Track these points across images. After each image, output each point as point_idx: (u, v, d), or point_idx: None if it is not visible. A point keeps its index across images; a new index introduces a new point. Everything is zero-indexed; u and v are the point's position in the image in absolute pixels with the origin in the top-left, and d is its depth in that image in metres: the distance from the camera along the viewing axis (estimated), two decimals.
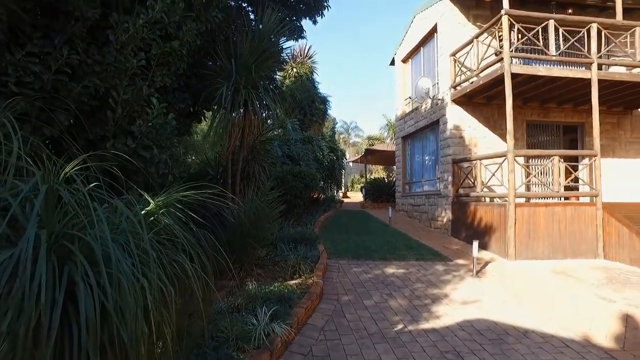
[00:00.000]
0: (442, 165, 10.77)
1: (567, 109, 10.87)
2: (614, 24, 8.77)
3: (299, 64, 18.57)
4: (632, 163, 11.31)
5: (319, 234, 9.35)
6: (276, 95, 6.50)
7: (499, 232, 8.03)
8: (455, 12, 10.55)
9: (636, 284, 6.09)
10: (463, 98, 10.02)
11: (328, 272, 6.37)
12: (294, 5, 8.29)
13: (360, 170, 35.21)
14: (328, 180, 16.79)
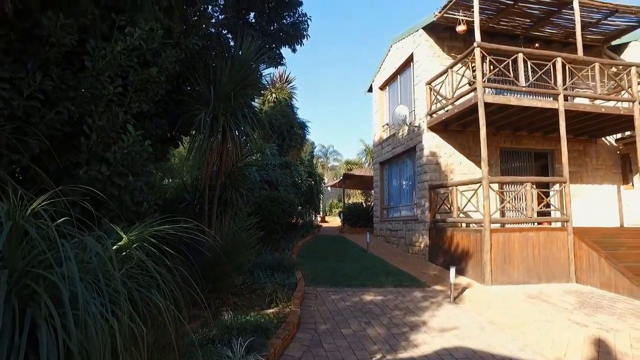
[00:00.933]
0: (419, 191, 10.92)
1: (537, 137, 11.28)
2: (575, 59, 9.26)
3: (278, 89, 18.77)
4: (599, 188, 11.75)
5: (297, 260, 9.26)
6: (255, 122, 6.52)
7: (476, 258, 8.13)
8: (430, 42, 10.93)
9: (606, 308, 6.24)
10: (439, 125, 10.28)
11: (306, 299, 6.27)
12: (273, 33, 8.43)
13: (338, 195, 35.33)
14: (306, 205, 16.77)
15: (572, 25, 9.70)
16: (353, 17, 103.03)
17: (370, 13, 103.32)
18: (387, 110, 14.36)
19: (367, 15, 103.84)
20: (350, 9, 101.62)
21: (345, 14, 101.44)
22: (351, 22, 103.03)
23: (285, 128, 17.48)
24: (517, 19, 10.56)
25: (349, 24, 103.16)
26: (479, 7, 8.87)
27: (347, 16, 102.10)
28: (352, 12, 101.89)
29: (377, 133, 14.98)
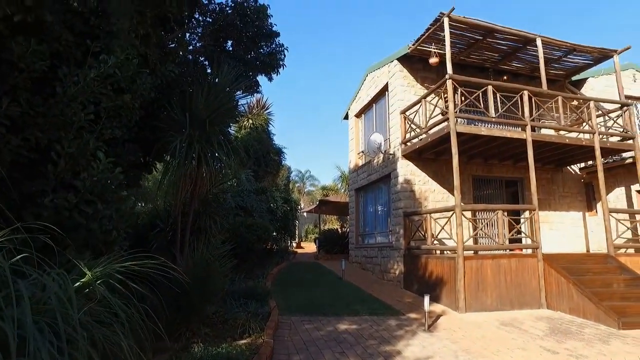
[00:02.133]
0: (394, 218, 11.02)
1: (508, 165, 11.65)
2: (540, 92, 9.72)
3: (255, 115, 18.86)
4: (566, 215, 12.15)
5: (271, 288, 9.13)
6: (230, 148, 6.51)
7: (450, 285, 8.19)
8: (404, 73, 11.29)
9: (575, 334, 6.36)
10: (413, 153, 10.51)
11: (279, 329, 6.15)
12: (250, 61, 8.55)
13: (314, 220, 35.21)
14: (282, 231, 16.63)
15: (537, 61, 10.22)
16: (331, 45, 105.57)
17: (347, 42, 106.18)
18: (362, 138, 14.59)
19: (345, 43, 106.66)
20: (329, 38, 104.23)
21: (324, 42, 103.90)
22: (329, 49, 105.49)
23: (262, 154, 17.49)
24: (487, 53, 11.07)
25: (328, 51, 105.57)
26: (450, 41, 9.26)
27: (325, 44, 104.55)
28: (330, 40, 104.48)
29: (352, 160, 15.15)
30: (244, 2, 7.98)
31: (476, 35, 10.11)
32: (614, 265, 8.90)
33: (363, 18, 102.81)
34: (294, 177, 47.05)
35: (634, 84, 13.12)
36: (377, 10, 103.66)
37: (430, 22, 9.43)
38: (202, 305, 5.24)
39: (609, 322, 6.87)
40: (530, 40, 10.09)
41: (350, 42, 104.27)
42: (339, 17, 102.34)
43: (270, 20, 8.47)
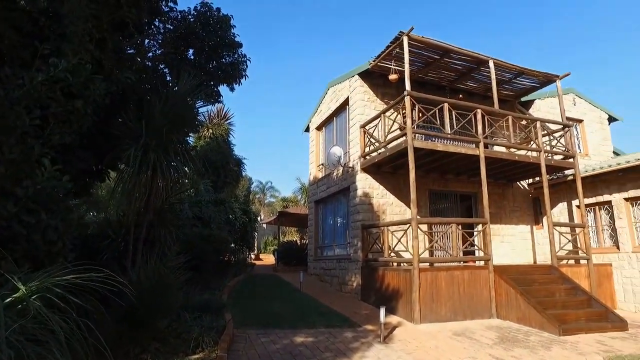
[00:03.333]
0: (352, 230, 11.14)
1: (463, 180, 12.10)
2: (493, 111, 10.22)
3: (215, 125, 18.61)
4: (515, 229, 12.75)
5: (228, 301, 8.94)
6: (188, 158, 6.39)
7: (405, 297, 8.34)
8: (365, 88, 11.54)
9: (522, 341, 6.66)
10: (372, 167, 10.71)
11: (234, 343, 6.03)
12: (212, 71, 8.46)
13: (274, 232, 34.94)
14: (240, 242, 16.37)
15: (489, 81, 10.76)
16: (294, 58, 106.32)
17: (310, 55, 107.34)
18: (323, 150, 14.71)
19: (308, 57, 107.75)
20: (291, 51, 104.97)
21: (287, 54, 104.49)
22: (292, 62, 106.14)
23: (221, 164, 17.22)
24: (444, 72, 11.54)
25: (290, 64, 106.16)
26: (409, 59, 9.58)
27: (288, 57, 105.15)
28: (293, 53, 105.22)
29: (313, 172, 15.23)
30: (207, 11, 7.91)
31: (434, 55, 10.53)
32: (556, 275, 9.41)
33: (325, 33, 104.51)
34: (255, 188, 46.68)
35: (574, 107, 14.10)
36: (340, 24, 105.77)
37: (391, 40, 9.72)
38: (154, 319, 5.06)
39: (551, 329, 7.24)
40: (483, 61, 10.63)
41: (313, 56, 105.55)
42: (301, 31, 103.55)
43: (233, 30, 8.46)
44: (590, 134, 14.23)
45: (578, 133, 14.13)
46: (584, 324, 7.66)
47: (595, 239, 11.30)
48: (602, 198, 11.04)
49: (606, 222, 11.11)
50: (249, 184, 41.31)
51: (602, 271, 10.35)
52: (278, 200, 41.86)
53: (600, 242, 11.18)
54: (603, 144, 14.35)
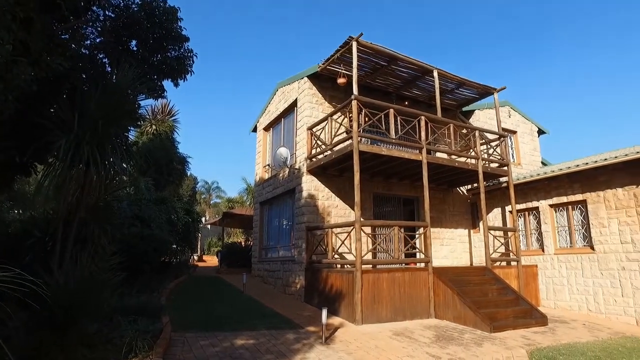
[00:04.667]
0: (297, 232, 11.12)
1: (406, 184, 12.48)
2: (435, 118, 10.65)
3: (159, 121, 17.89)
4: (455, 232, 13.35)
5: (167, 304, 8.61)
6: (127, 154, 6.08)
7: (348, 298, 8.44)
8: (314, 90, 11.60)
9: (457, 339, 6.97)
10: (318, 169, 10.77)
11: (172, 347, 5.79)
12: (156, 65, 8.12)
13: (219, 233, 34.18)
14: (182, 243, 15.82)
15: (433, 90, 11.21)
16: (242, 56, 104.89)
17: (259, 56, 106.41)
18: (270, 151, 14.59)
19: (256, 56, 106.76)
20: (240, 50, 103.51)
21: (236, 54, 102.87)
22: (240, 62, 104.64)
23: (164, 162, 16.57)
24: (391, 78, 11.86)
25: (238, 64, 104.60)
26: (358, 64, 9.75)
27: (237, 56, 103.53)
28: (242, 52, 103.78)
29: (259, 173, 15.06)
30: (153, 1, 7.57)
31: (381, 61, 10.80)
32: (490, 276, 9.95)
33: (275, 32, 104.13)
34: (200, 188, 45.46)
35: (509, 119, 15.07)
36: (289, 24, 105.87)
37: (340, 44, 9.85)
38: (81, 323, 4.74)
39: (483, 327, 7.64)
40: (428, 71, 11.05)
41: (262, 55, 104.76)
42: (250, 30, 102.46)
43: (180, 23, 8.17)
44: (523, 144, 15.26)
45: (512, 143, 15.10)
46: (512, 321, 8.17)
47: (524, 242, 12.09)
48: (531, 204, 11.85)
49: (534, 226, 11.93)
50: (194, 183, 40.11)
51: (529, 272, 11.10)
52: (224, 201, 40.99)
53: (529, 245, 11.98)
54: (533, 154, 15.43)
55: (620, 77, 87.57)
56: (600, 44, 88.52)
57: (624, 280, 9.29)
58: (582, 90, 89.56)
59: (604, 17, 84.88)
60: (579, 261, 10.28)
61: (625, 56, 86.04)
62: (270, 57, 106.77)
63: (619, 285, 9.38)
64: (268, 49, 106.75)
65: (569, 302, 10.36)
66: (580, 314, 9.95)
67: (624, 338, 7.57)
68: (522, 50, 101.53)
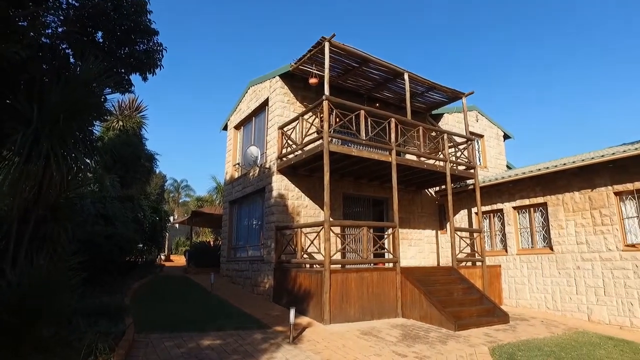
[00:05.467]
0: (266, 232, 11.05)
1: (375, 185, 12.62)
2: (405, 121, 10.81)
3: (127, 117, 17.36)
4: (423, 233, 13.60)
5: (132, 304, 8.39)
6: (91, 150, 5.86)
7: (316, 298, 8.45)
8: (285, 90, 11.56)
9: (423, 338, 7.10)
10: (288, 169, 10.73)
11: (134, 349, 5.63)
12: (123, 58, 7.89)
13: (187, 233, 33.54)
14: (149, 242, 15.43)
15: (404, 93, 11.38)
16: (214, 53, 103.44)
17: (230, 52, 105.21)
18: (240, 150, 14.44)
19: (227, 53, 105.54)
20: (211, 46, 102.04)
21: (207, 50, 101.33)
22: (211, 59, 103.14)
23: (131, 159, 16.09)
24: (362, 80, 11.97)
25: (209, 60, 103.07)
26: (330, 65, 9.78)
27: (208, 52, 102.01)
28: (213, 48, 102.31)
29: (229, 172, 14.88)
30: None
31: (353, 63, 10.88)
32: (455, 276, 10.19)
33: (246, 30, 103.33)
34: (169, 187, 44.52)
35: (477, 123, 15.50)
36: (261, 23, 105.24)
37: (313, 45, 9.85)
38: (36, 327, 4.53)
39: (448, 325, 7.82)
40: (399, 73, 11.22)
41: (233, 53, 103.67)
42: (221, 28, 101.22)
43: (150, 16, 7.97)
44: (489, 148, 15.72)
45: (479, 147, 15.54)
46: (475, 320, 8.39)
47: (489, 243, 12.45)
48: (496, 206, 12.22)
49: (498, 227, 12.31)
50: (163, 181, 39.26)
51: (493, 272, 11.44)
52: (193, 200, 40.29)
53: (493, 246, 12.35)
54: (499, 158, 15.93)
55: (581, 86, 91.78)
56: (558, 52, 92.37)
57: (579, 279, 9.73)
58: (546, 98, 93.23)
59: None
60: (539, 261, 10.69)
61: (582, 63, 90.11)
62: (242, 54, 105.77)
63: (574, 283, 9.81)
64: (240, 46, 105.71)
65: (529, 301, 10.74)
66: (540, 311, 10.34)
67: (577, 333, 7.96)
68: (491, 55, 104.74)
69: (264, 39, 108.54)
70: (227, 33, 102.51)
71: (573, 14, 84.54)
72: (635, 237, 9.05)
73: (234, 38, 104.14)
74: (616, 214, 9.30)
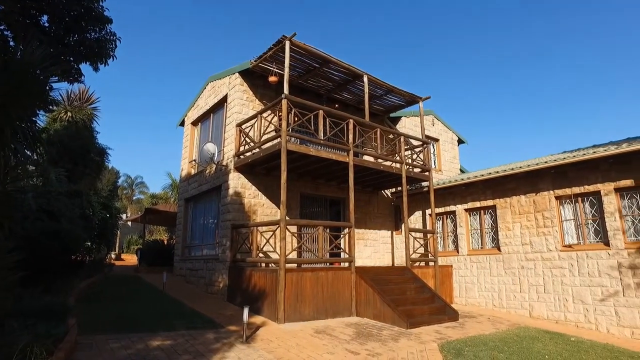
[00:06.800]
0: (222, 230, 10.86)
1: (333, 186, 12.71)
2: (363, 122, 10.96)
3: (76, 108, 16.48)
4: (379, 233, 13.84)
5: (76, 305, 7.98)
6: (32, 141, 5.51)
7: (271, 297, 8.40)
8: (245, 87, 11.41)
9: (375, 336, 7.22)
10: (246, 167, 10.60)
11: (77, 352, 5.37)
12: (72, 45, 7.52)
13: (139, 231, 32.38)
14: (97, 240, 14.73)
15: (363, 95, 11.54)
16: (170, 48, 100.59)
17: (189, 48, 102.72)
18: (197, 146, 14.10)
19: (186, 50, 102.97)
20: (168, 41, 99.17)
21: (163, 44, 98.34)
22: (168, 54, 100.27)
23: (80, 152, 15.28)
24: (323, 81, 12.02)
25: (166, 55, 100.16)
26: (290, 64, 9.76)
27: (164, 47, 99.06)
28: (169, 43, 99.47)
29: (185, 168, 14.50)
30: None
31: (314, 63, 10.91)
32: (409, 276, 10.45)
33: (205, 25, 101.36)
34: (123, 183, 42.78)
35: (433, 127, 15.98)
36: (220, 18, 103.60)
37: (274, 43, 9.79)
38: None
39: (401, 323, 8.01)
40: (359, 75, 11.36)
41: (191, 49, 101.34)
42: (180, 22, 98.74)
43: (103, 3, 7.64)
44: (444, 152, 16.25)
45: (434, 150, 16.04)
46: (427, 318, 8.64)
47: (442, 244, 12.86)
48: (449, 208, 12.64)
49: (451, 229, 12.74)
50: (116, 177, 37.67)
51: (444, 271, 11.83)
52: (147, 197, 38.91)
53: (446, 247, 12.77)
54: (453, 161, 16.51)
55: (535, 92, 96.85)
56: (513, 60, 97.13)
57: (522, 278, 10.26)
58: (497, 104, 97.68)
59: None
60: (488, 261, 11.16)
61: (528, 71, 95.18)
62: (201, 50, 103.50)
63: (518, 282, 10.34)
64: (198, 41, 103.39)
65: (478, 299, 11.20)
66: (487, 309, 10.81)
67: (519, 328, 8.44)
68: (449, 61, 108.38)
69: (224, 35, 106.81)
70: (186, 27, 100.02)
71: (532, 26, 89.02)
72: (572, 238, 9.67)
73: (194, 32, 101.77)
74: (556, 217, 9.89)
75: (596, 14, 75.42)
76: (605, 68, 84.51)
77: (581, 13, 76.63)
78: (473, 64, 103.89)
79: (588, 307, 8.97)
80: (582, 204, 9.61)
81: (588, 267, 9.12)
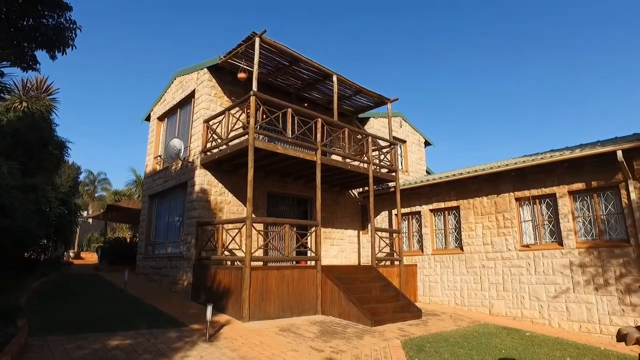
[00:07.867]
0: (187, 228, 10.64)
1: (300, 184, 12.69)
2: (332, 122, 11.01)
3: (32, 98, 15.70)
4: (345, 233, 13.93)
5: (28, 305, 7.63)
6: None
7: (236, 295, 8.30)
8: (213, 83, 11.23)
9: (340, 333, 7.26)
10: (212, 164, 10.43)
11: (27, 353, 5.11)
12: (27, 31, 7.16)
13: (101, 228, 31.26)
14: (54, 237, 14.09)
15: (332, 95, 11.59)
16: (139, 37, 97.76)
17: (154, 43, 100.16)
18: (163, 142, 13.75)
19: (152, 44, 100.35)
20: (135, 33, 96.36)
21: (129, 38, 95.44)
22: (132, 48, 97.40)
23: (37, 145, 14.56)
24: (292, 79, 11.98)
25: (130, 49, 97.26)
26: (260, 62, 9.68)
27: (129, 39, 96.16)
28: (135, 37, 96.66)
29: (150, 164, 14.10)
30: None
31: (284, 61, 10.86)
32: (374, 274, 10.57)
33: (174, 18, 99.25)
34: (84, 179, 41.14)
35: (400, 128, 16.26)
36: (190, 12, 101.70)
37: (243, 39, 9.67)
38: None
39: (365, 321, 8.09)
40: (328, 75, 11.40)
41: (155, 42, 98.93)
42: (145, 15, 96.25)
43: None
44: (411, 153, 16.55)
45: (402, 151, 16.31)
46: (391, 315, 8.77)
47: (407, 243, 13.09)
48: (415, 208, 12.89)
49: (416, 229, 12.99)
50: (77, 173, 36.14)
51: (409, 270, 12.05)
52: (110, 194, 37.59)
53: (411, 246, 13.00)
54: (419, 163, 16.84)
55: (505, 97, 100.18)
56: None
57: (483, 277, 10.60)
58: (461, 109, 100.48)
59: None
60: (451, 261, 11.45)
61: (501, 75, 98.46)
62: (169, 44, 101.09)
63: (479, 281, 10.67)
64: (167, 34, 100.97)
65: (441, 297, 11.47)
66: (449, 307, 11.09)
67: (479, 325, 8.72)
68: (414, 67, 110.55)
69: (194, 28, 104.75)
70: (153, 20, 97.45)
71: None
72: (529, 238, 10.07)
73: (162, 26, 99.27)
74: (516, 218, 10.27)
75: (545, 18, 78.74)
76: (571, 72, 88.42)
77: (539, 18, 79.84)
78: (443, 69, 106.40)
79: (542, 304, 9.37)
80: (540, 205, 10.02)
81: (543, 265, 9.52)
